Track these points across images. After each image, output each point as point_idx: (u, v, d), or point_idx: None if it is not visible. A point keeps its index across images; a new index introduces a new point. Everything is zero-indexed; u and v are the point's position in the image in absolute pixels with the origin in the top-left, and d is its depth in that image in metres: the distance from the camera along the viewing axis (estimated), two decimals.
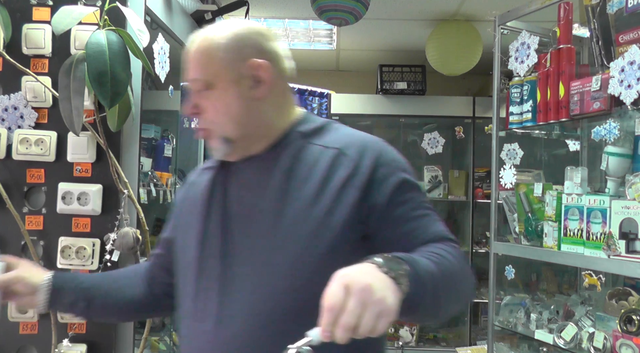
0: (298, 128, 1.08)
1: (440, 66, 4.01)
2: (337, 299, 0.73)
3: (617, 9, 1.81)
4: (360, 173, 0.99)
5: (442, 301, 0.90)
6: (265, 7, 3.71)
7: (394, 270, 0.79)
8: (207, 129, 1.06)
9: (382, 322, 0.74)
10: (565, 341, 1.89)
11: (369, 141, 1.06)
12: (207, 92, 1.04)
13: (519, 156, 2.26)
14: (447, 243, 0.98)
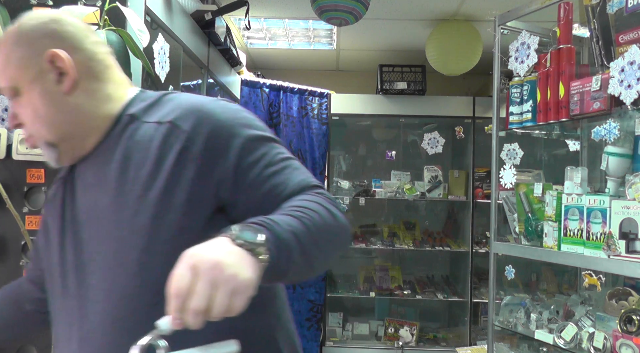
0: (128, 110, 0.97)
1: (440, 66, 4.01)
2: (183, 282, 0.67)
3: (617, 9, 1.81)
4: (197, 143, 0.89)
5: (314, 257, 0.83)
6: (265, 7, 3.71)
7: (249, 241, 0.72)
8: (31, 138, 0.97)
9: (237, 299, 0.68)
10: (565, 341, 1.89)
11: (204, 105, 0.94)
12: (17, 99, 0.94)
13: (519, 156, 2.26)
14: (311, 191, 0.91)
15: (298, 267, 0.80)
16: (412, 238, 4.52)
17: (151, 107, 0.97)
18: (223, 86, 3.30)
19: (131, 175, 0.91)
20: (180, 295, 0.67)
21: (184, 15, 2.48)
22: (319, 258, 0.85)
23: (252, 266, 0.71)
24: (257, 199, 0.90)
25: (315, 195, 0.90)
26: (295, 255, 0.78)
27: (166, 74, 2.10)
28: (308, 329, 4.06)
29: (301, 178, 0.92)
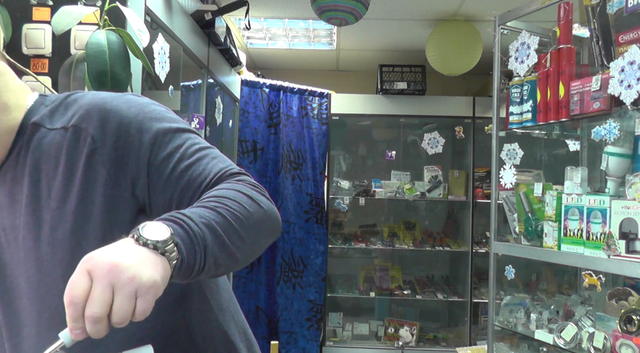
0: (32, 119, 0.88)
1: (440, 66, 4.01)
2: (78, 288, 0.62)
3: (617, 9, 1.81)
4: (105, 144, 0.83)
5: (236, 247, 0.77)
6: (265, 7, 3.71)
7: (154, 240, 0.67)
8: None
9: (141, 302, 0.63)
10: (565, 341, 1.89)
11: (107, 102, 0.86)
12: None
13: (519, 156, 2.26)
14: (231, 179, 0.85)
15: (218, 260, 0.75)
16: (412, 238, 4.53)
17: (55, 111, 0.88)
18: (223, 86, 3.30)
19: (44, 189, 0.84)
20: (75, 303, 0.62)
21: (184, 15, 2.48)
22: (242, 248, 0.79)
23: (156, 265, 0.66)
24: (175, 196, 0.84)
25: (235, 183, 0.84)
26: (211, 248, 0.73)
27: (166, 74, 2.10)
28: (308, 329, 4.06)
29: (220, 167, 0.86)
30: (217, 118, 3.15)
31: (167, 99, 2.38)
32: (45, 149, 0.85)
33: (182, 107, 2.67)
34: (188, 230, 0.71)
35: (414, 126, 4.73)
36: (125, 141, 0.83)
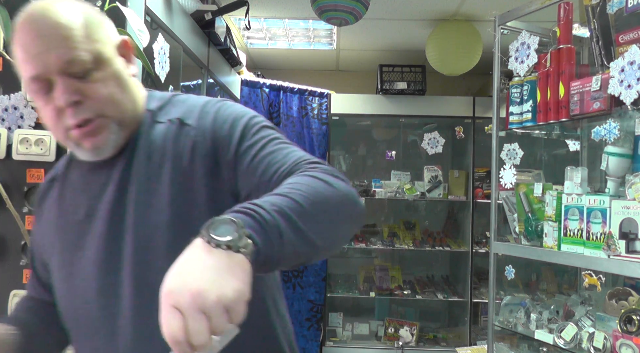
0: (148, 107, 0.99)
1: (440, 66, 4.01)
2: (174, 328, 0.62)
3: (617, 9, 1.81)
4: (205, 139, 0.91)
5: (314, 232, 0.76)
6: (265, 7, 3.71)
7: (226, 240, 0.66)
8: (95, 119, 0.89)
9: (234, 313, 0.64)
10: (565, 341, 1.89)
11: (207, 102, 0.97)
12: (93, 73, 0.88)
13: (519, 156, 2.26)
14: (306, 167, 0.85)
15: (297, 247, 0.74)
16: (412, 238, 4.53)
17: (163, 107, 0.98)
18: (223, 86, 3.30)
19: (153, 174, 0.91)
20: (179, 342, 0.63)
21: (184, 15, 2.48)
22: (320, 233, 0.77)
23: (235, 272, 0.65)
24: (255, 181, 0.87)
25: (310, 169, 0.84)
26: (287, 235, 0.72)
27: (166, 74, 2.10)
28: (308, 329, 4.06)
29: (298, 156, 0.88)
30: None
31: None
32: (154, 139, 0.93)
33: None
34: (260, 219, 0.70)
35: (414, 126, 4.73)
36: (221, 135, 0.91)
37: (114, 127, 0.91)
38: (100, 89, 0.89)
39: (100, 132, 0.90)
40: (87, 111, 0.88)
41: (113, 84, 0.91)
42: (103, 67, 0.89)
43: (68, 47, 0.86)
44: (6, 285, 1.85)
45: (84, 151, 0.92)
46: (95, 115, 0.89)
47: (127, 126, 0.94)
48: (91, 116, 0.88)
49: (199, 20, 2.69)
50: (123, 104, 0.92)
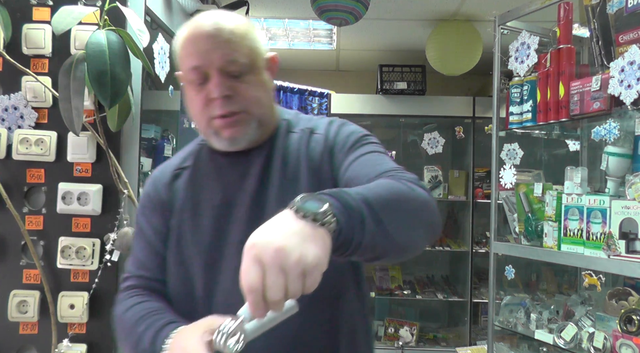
0: (283, 117, 1.14)
1: (440, 66, 4.01)
2: (253, 277, 0.66)
3: (617, 9, 1.81)
4: (329, 143, 1.07)
5: (392, 227, 0.80)
6: (265, 7, 3.71)
7: (313, 211, 0.71)
8: (239, 113, 1.02)
9: (310, 279, 0.67)
10: (565, 341, 1.89)
11: (332, 120, 1.14)
12: (246, 75, 1.02)
13: (519, 156, 2.26)
14: (398, 174, 0.93)
15: (375, 238, 0.77)
16: None
17: (293, 120, 1.14)
18: None
19: (291, 171, 1.05)
20: (255, 290, 0.67)
21: (184, 15, 2.48)
22: (398, 230, 0.81)
23: (317, 241, 0.69)
24: (351, 178, 0.99)
25: (395, 175, 0.93)
26: (368, 223, 0.76)
27: (166, 74, 2.10)
28: None
29: (393, 166, 0.98)
30: None
31: (167, 99, 2.38)
32: (290, 143, 1.09)
33: (182, 107, 2.66)
34: (345, 203, 0.75)
35: (414, 126, 4.73)
36: (339, 140, 1.07)
37: (253, 124, 1.04)
38: (249, 89, 1.03)
39: (240, 125, 1.03)
40: (235, 105, 1.01)
41: (260, 89, 1.05)
42: (254, 73, 1.04)
43: (231, 49, 1.00)
44: (6, 285, 1.86)
45: (221, 139, 1.04)
46: (240, 110, 1.02)
47: (264, 127, 1.07)
48: (237, 109, 1.02)
49: None
50: (264, 107, 1.06)
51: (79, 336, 1.84)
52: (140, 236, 1.13)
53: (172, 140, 2.56)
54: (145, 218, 1.12)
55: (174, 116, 2.60)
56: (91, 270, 1.84)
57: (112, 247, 1.81)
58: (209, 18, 1.03)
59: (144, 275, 1.10)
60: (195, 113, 1.05)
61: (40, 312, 1.84)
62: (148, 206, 1.13)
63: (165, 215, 1.10)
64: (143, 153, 2.11)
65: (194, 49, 1.01)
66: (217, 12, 1.06)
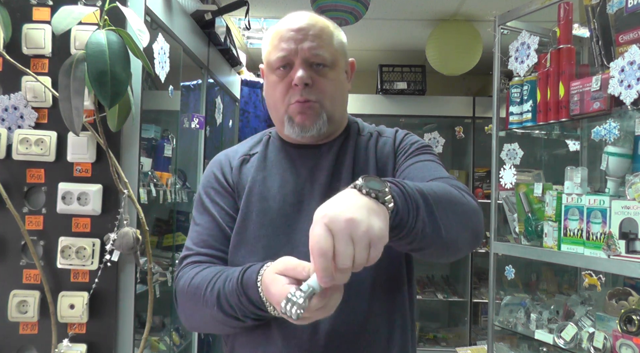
0: (354, 120, 1.27)
1: (440, 66, 4.01)
2: (324, 243, 0.70)
3: (617, 9, 1.81)
4: (396, 145, 1.19)
5: (441, 220, 0.86)
6: (265, 7, 3.71)
7: (376, 189, 0.76)
8: (314, 102, 1.10)
9: (374, 250, 0.72)
10: (565, 341, 1.89)
11: (397, 129, 1.27)
12: (326, 70, 1.12)
13: (519, 156, 2.26)
14: (451, 182, 1.03)
15: (426, 227, 0.83)
16: None
17: (362, 124, 1.28)
18: (223, 86, 3.30)
19: (360, 168, 1.14)
20: (325, 255, 0.70)
21: (184, 15, 2.48)
22: (447, 226, 0.87)
23: (380, 216, 0.74)
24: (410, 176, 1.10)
25: (449, 181, 1.03)
26: (422, 211, 0.83)
27: (166, 74, 2.10)
28: None
29: (447, 174, 1.10)
30: (217, 118, 3.15)
31: (167, 99, 2.38)
32: (360, 143, 1.20)
33: (182, 107, 2.67)
34: (403, 189, 0.82)
35: (414, 126, 4.73)
36: (404, 145, 1.20)
37: (324, 116, 1.12)
38: (327, 84, 1.12)
39: (312, 113, 1.11)
40: (311, 94, 1.10)
41: (336, 86, 1.14)
42: (334, 70, 1.14)
43: (318, 44, 1.11)
44: (6, 285, 1.86)
45: (293, 125, 1.12)
46: (316, 99, 1.10)
47: (333, 123, 1.15)
48: (313, 98, 1.10)
49: (199, 20, 2.69)
50: (337, 104, 1.16)
51: (79, 336, 1.84)
52: (204, 215, 1.15)
53: (172, 140, 2.56)
54: (210, 199, 1.16)
55: (174, 116, 2.60)
56: (91, 270, 1.84)
57: (112, 247, 1.81)
58: (304, 14, 1.16)
59: (208, 252, 1.12)
60: (276, 99, 1.13)
61: (40, 312, 1.84)
62: (214, 188, 1.17)
63: (231, 197, 1.15)
64: (143, 153, 2.12)
65: (285, 39, 1.11)
66: (311, 12, 1.19)
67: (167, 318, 2.67)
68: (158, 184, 2.28)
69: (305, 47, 1.10)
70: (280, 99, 1.12)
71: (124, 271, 1.89)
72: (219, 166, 1.20)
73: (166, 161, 2.54)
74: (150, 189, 2.15)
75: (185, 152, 2.83)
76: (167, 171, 2.50)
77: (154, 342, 2.44)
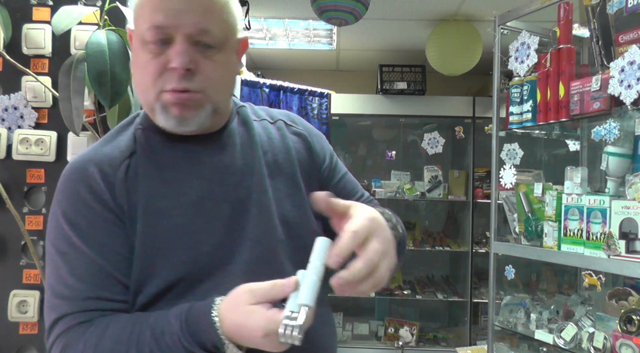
0: (238, 107, 1.04)
1: (440, 66, 4.01)
2: (378, 259, 0.76)
3: (617, 9, 1.81)
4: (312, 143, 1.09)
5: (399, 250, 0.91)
6: (265, 7, 3.71)
7: (393, 221, 0.89)
8: (195, 93, 0.87)
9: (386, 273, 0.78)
10: (565, 341, 1.89)
11: (294, 115, 1.13)
12: (214, 52, 0.88)
13: (519, 156, 2.26)
14: (373, 200, 1.11)
15: (400, 250, 0.93)
16: (412, 238, 4.52)
17: (254, 110, 1.07)
18: None
19: (271, 163, 0.98)
20: (372, 267, 0.75)
21: None
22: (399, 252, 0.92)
23: (393, 245, 0.82)
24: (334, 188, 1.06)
25: (372, 200, 1.10)
26: (402, 238, 0.96)
27: None
28: None
29: (363, 190, 1.13)
30: None
31: None
32: (255, 134, 1.00)
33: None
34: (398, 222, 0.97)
35: (414, 126, 4.73)
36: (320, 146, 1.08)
37: (208, 108, 0.90)
38: (214, 69, 0.88)
39: (193, 106, 0.88)
40: (193, 83, 0.87)
41: (225, 70, 0.91)
42: (224, 52, 0.90)
43: (208, 18, 0.86)
44: (6, 285, 1.86)
45: (169, 117, 0.89)
46: (198, 90, 0.87)
47: (218, 115, 0.94)
48: (194, 88, 0.87)
49: None
50: (224, 93, 0.94)
51: None
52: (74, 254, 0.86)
53: None
54: (81, 230, 0.86)
55: None
56: None
57: None
58: None
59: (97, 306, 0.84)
60: (143, 81, 0.89)
61: (40, 312, 1.84)
62: (87, 214, 0.87)
63: (117, 224, 0.87)
64: None
65: (163, 5, 0.85)
66: None
67: None
68: None
69: (190, 20, 0.84)
70: (150, 82, 0.87)
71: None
72: (89, 181, 0.88)
73: None
74: None
75: None
76: None
77: None
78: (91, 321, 0.83)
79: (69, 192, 0.89)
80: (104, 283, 0.85)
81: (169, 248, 0.87)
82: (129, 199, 0.88)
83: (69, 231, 0.87)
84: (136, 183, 0.89)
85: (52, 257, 0.89)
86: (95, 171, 0.89)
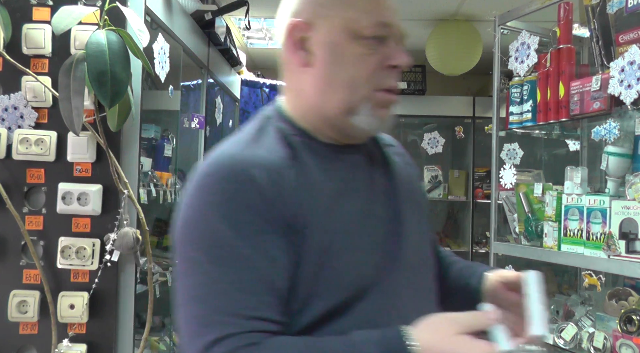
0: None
1: (440, 66, 4.01)
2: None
3: (617, 9, 1.81)
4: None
5: None
6: (265, 7, 3.71)
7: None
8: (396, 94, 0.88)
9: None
10: (565, 341, 1.89)
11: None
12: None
13: (519, 156, 2.26)
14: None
15: None
16: None
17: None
18: (223, 86, 3.30)
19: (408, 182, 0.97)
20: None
21: (184, 15, 2.48)
22: None
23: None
24: None
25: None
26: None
27: (166, 74, 2.10)
28: None
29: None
30: (217, 118, 3.15)
31: (167, 99, 2.38)
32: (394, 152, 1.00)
33: (182, 107, 2.67)
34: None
35: (414, 126, 4.73)
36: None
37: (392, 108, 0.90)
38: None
39: (390, 105, 0.88)
40: (396, 81, 0.87)
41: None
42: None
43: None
44: (6, 285, 1.86)
45: (373, 118, 0.85)
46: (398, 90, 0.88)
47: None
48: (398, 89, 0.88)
49: (199, 20, 2.69)
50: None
51: (79, 336, 1.84)
52: (239, 265, 0.75)
53: (172, 140, 2.56)
54: (249, 239, 0.75)
55: (174, 116, 2.60)
56: (91, 270, 1.84)
57: (112, 247, 1.81)
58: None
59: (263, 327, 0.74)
60: (354, 76, 0.82)
61: (40, 312, 1.84)
62: (254, 221, 0.76)
63: (283, 236, 0.77)
64: (143, 153, 2.11)
65: (386, 5, 0.85)
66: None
67: (167, 318, 2.67)
68: (158, 184, 2.28)
69: (399, 25, 0.86)
70: (365, 78, 0.82)
71: (124, 271, 1.89)
72: (258, 185, 0.76)
73: (166, 161, 2.54)
74: (150, 190, 2.15)
75: (185, 152, 2.83)
76: (167, 171, 2.50)
77: (154, 342, 2.44)
78: (258, 344, 0.72)
79: (231, 195, 0.76)
80: (273, 301, 0.75)
81: (336, 267, 0.79)
82: (298, 210, 0.78)
83: (236, 240, 0.75)
84: (306, 193, 0.80)
85: (200, 267, 0.76)
86: (264, 175, 0.77)
